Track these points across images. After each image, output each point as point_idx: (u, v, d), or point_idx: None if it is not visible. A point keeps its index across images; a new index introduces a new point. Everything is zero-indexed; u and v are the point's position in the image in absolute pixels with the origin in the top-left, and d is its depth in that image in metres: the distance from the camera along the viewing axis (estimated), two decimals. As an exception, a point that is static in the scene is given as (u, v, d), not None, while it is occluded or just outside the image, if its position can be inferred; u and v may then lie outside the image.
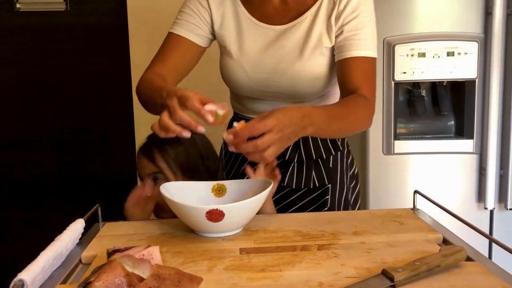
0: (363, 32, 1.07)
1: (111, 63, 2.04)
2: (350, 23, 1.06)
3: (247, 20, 1.10)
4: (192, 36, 1.12)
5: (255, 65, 1.10)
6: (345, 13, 1.06)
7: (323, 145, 1.15)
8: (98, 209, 0.97)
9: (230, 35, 1.11)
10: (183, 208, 0.85)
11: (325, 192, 1.15)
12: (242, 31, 1.11)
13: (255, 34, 1.10)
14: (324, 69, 1.09)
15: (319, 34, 1.07)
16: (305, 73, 1.07)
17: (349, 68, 1.06)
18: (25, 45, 2.02)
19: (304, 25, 1.08)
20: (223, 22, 1.11)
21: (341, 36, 1.07)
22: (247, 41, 1.10)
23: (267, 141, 0.80)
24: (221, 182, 0.99)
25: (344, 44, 1.07)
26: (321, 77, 1.09)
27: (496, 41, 1.65)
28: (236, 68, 1.11)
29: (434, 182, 1.75)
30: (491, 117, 1.68)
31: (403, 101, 1.80)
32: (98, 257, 0.79)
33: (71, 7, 1.99)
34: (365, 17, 1.07)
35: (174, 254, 0.80)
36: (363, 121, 1.06)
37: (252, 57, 1.10)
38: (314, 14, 1.08)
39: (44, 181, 2.10)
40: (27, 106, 2.06)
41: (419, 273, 0.69)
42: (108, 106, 2.07)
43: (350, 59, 1.06)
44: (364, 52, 1.07)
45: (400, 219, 0.94)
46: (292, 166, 1.14)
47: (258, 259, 0.77)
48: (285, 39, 1.08)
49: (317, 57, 1.07)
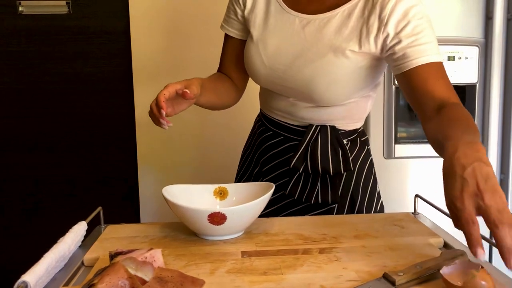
0: (425, 35, 0.93)
1: (113, 66, 2.05)
2: (406, 28, 0.93)
3: (276, 5, 1.05)
4: (234, 32, 1.12)
5: (274, 53, 1.03)
6: (396, 16, 0.94)
7: (333, 160, 1.05)
8: (100, 211, 0.97)
9: (256, 19, 1.06)
10: (185, 211, 0.85)
11: (328, 212, 1.08)
12: (269, 15, 1.05)
13: (281, 19, 1.03)
14: (344, 75, 0.98)
15: (347, 35, 0.97)
16: (322, 73, 0.98)
17: (424, 76, 0.92)
18: (27, 48, 2.03)
19: (334, 21, 0.99)
20: (253, 7, 1.07)
21: (400, 45, 0.94)
22: (270, 26, 1.04)
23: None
24: (223, 185, 1.00)
25: (407, 53, 0.93)
26: (339, 81, 0.98)
27: (497, 45, 1.65)
28: (254, 53, 1.05)
29: (435, 186, 1.75)
30: (492, 121, 1.69)
31: (404, 105, 1.81)
32: (100, 259, 0.79)
33: (74, 10, 2.00)
34: (421, 19, 0.94)
35: (176, 257, 0.80)
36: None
37: (272, 43, 1.03)
38: (347, 12, 0.98)
39: (45, 184, 2.11)
40: (28, 108, 2.06)
41: (420, 277, 0.69)
42: (110, 109, 2.07)
43: (421, 67, 0.92)
44: (434, 56, 0.93)
45: (401, 223, 0.95)
46: (297, 176, 1.08)
47: (260, 262, 0.77)
48: (311, 31, 1.00)
49: (339, 59, 0.97)
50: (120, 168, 2.09)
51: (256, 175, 1.18)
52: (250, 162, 1.21)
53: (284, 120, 1.11)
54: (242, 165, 1.25)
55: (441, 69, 0.94)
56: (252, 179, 1.19)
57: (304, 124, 1.09)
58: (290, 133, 1.11)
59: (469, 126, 0.79)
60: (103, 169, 2.10)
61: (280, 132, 1.12)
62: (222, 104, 1.15)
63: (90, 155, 2.10)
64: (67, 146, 2.09)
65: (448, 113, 0.85)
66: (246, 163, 1.23)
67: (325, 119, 1.07)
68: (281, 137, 1.12)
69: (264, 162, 1.15)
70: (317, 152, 1.05)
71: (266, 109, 1.16)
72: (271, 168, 1.13)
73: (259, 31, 1.05)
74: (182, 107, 0.98)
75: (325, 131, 1.07)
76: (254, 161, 1.19)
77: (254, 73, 1.07)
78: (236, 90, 1.17)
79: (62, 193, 2.11)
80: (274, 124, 1.13)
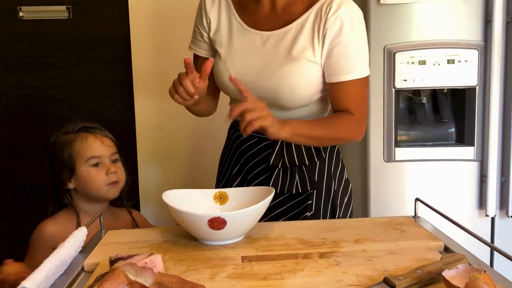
0: (351, 54, 1.10)
1: (113, 71, 2.05)
2: (337, 46, 1.08)
3: (238, 26, 1.16)
4: (202, 52, 1.23)
5: (240, 68, 1.14)
6: (330, 34, 1.08)
7: (307, 152, 1.17)
8: (100, 216, 0.97)
9: (222, 38, 1.18)
10: (186, 216, 0.85)
11: (307, 197, 1.17)
12: (232, 35, 1.16)
13: (244, 39, 1.15)
14: (305, 81, 1.11)
15: (303, 45, 1.10)
16: (286, 81, 1.10)
17: (339, 92, 1.12)
18: (27, 53, 2.03)
19: (290, 35, 1.11)
20: (217, 29, 1.19)
21: (330, 59, 1.10)
22: (235, 44, 1.15)
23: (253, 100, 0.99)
24: (223, 190, 1.00)
25: (334, 68, 1.10)
26: (301, 87, 1.11)
27: (496, 48, 1.65)
28: (223, 69, 1.16)
29: (435, 189, 1.75)
30: (492, 124, 1.68)
31: (404, 108, 1.81)
32: (100, 265, 0.79)
33: (74, 16, 2.00)
34: (353, 36, 1.09)
35: (176, 262, 0.80)
36: (347, 131, 1.14)
37: (238, 59, 1.14)
38: (300, 26, 1.11)
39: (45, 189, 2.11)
40: (29, 113, 2.06)
41: (421, 281, 0.69)
42: (110, 114, 2.07)
43: (339, 83, 1.11)
44: (354, 74, 1.10)
45: (402, 227, 0.95)
46: (276, 172, 1.16)
47: (260, 267, 0.77)
48: (270, 46, 1.12)
49: (298, 68, 1.09)
50: (121, 173, 2.09)
51: (235, 175, 1.24)
52: (228, 165, 1.28)
53: None
54: (221, 170, 1.32)
55: (359, 85, 1.12)
56: (231, 180, 1.25)
57: None
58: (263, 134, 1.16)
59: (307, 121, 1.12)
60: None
61: (254, 134, 1.19)
62: (206, 112, 1.30)
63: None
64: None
65: (330, 115, 1.15)
66: (225, 168, 1.30)
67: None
68: (256, 138, 1.20)
69: (243, 163, 1.23)
70: (292, 147, 1.15)
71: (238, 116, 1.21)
72: (251, 168, 1.21)
73: (225, 50, 1.17)
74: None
75: None
76: (232, 163, 1.26)
77: (225, 87, 1.18)
78: (215, 100, 1.31)
79: (62, 198, 2.11)
80: None
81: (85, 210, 1.27)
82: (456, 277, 0.65)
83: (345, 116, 1.12)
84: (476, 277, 0.62)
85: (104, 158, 1.25)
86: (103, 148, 1.25)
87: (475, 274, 0.62)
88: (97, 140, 1.25)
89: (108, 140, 1.28)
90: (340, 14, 1.07)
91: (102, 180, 1.23)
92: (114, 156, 1.28)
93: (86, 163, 1.23)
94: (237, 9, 1.17)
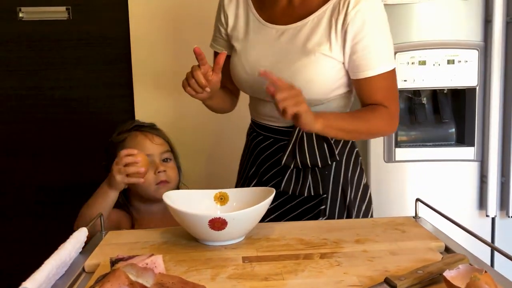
0: (376, 48, 1.07)
1: (113, 72, 2.05)
2: (361, 41, 1.05)
3: (255, 21, 1.15)
4: (221, 49, 1.21)
5: (255, 61, 1.12)
6: (352, 30, 1.05)
7: (320, 154, 1.14)
8: (100, 217, 0.97)
9: (238, 34, 1.17)
10: (186, 216, 0.85)
11: (321, 202, 1.14)
12: (249, 30, 1.16)
13: (260, 33, 1.14)
14: (320, 75, 1.08)
15: (319, 40, 1.07)
16: (301, 75, 1.08)
17: (368, 87, 1.09)
18: (27, 54, 2.03)
19: (306, 29, 1.09)
20: (235, 24, 1.18)
21: (355, 55, 1.07)
22: (251, 39, 1.15)
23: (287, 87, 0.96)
24: (224, 190, 1.00)
25: (360, 64, 1.07)
26: (316, 81, 1.08)
27: (496, 48, 1.65)
28: (238, 62, 1.15)
29: (435, 189, 1.75)
30: (492, 124, 1.68)
31: (404, 108, 1.81)
32: (101, 265, 0.79)
33: (74, 16, 2.00)
34: (376, 30, 1.06)
35: (177, 263, 0.80)
36: (382, 124, 1.10)
37: (253, 53, 1.13)
38: (316, 19, 1.09)
39: (45, 190, 2.10)
40: (29, 114, 2.06)
41: (422, 281, 0.69)
42: (110, 114, 2.07)
43: (367, 79, 1.08)
44: (381, 68, 1.07)
45: (402, 227, 0.95)
46: (289, 173, 1.14)
47: (261, 268, 0.77)
48: (285, 40, 1.10)
49: (313, 61, 1.07)
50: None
51: (251, 177, 1.23)
52: (246, 166, 1.27)
53: (272, 123, 1.19)
54: (240, 172, 1.31)
55: (387, 78, 1.09)
56: (247, 182, 1.24)
57: (290, 125, 1.14)
58: (278, 134, 1.18)
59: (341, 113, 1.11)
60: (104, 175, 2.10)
61: (269, 135, 1.19)
62: (223, 109, 1.29)
63: (91, 161, 2.09)
64: (68, 152, 2.09)
65: (364, 108, 1.11)
66: (243, 169, 1.29)
67: None
68: (271, 139, 1.19)
69: (259, 164, 1.22)
70: (304, 147, 1.12)
71: (255, 116, 1.24)
72: (266, 169, 1.20)
73: (241, 44, 1.16)
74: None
75: None
76: (249, 165, 1.25)
77: (239, 81, 1.18)
78: (232, 97, 1.30)
79: (63, 199, 2.11)
80: (264, 129, 1.21)
81: (140, 210, 1.24)
82: (457, 278, 0.65)
83: (379, 109, 1.09)
84: (477, 277, 0.62)
85: (154, 157, 1.23)
86: (152, 147, 1.23)
87: (476, 275, 0.62)
88: (146, 138, 1.24)
89: (158, 138, 1.26)
90: (361, 8, 1.04)
91: (150, 179, 1.20)
92: (165, 155, 1.26)
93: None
94: (254, 4, 1.17)
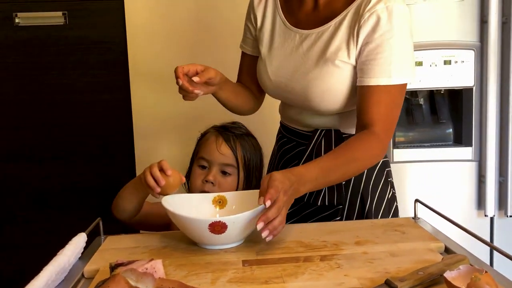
0: (385, 55, 0.95)
1: (110, 76, 2.04)
2: (369, 44, 0.97)
3: (281, 24, 1.12)
4: (249, 50, 1.21)
5: (277, 67, 1.10)
6: (364, 32, 0.97)
7: None
8: (99, 222, 0.97)
9: (264, 37, 1.15)
10: (186, 221, 0.85)
11: (336, 213, 1.10)
12: (274, 34, 1.13)
13: (284, 37, 1.11)
14: (336, 83, 1.01)
15: (337, 46, 1.01)
16: (316, 83, 1.02)
17: (365, 97, 0.97)
18: (24, 59, 2.02)
19: (327, 34, 1.03)
20: (261, 26, 1.16)
21: (359, 59, 0.99)
22: (275, 43, 1.12)
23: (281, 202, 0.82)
24: (222, 193, 1.00)
25: (362, 68, 0.98)
26: (332, 90, 1.02)
27: (492, 49, 1.66)
28: (262, 69, 1.14)
29: (434, 190, 1.75)
30: (489, 124, 1.69)
31: (402, 109, 1.81)
32: (100, 271, 0.79)
33: (70, 21, 2.00)
34: (389, 36, 0.96)
35: (177, 267, 0.79)
36: (368, 162, 0.99)
37: (276, 59, 1.11)
38: (338, 24, 1.02)
39: (43, 195, 2.10)
40: (26, 119, 2.06)
41: (423, 283, 0.69)
42: (107, 118, 2.07)
43: (367, 88, 0.97)
44: (383, 79, 0.96)
45: (402, 228, 0.95)
46: None
47: (261, 271, 0.77)
48: (306, 47, 1.06)
49: (330, 71, 1.01)
50: (119, 178, 2.08)
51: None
52: (271, 168, 1.27)
53: (295, 126, 1.18)
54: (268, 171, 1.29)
55: (389, 93, 0.97)
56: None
57: (311, 130, 1.13)
58: (300, 138, 1.17)
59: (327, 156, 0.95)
60: (101, 179, 2.09)
61: (292, 138, 1.18)
62: (240, 107, 1.22)
63: (88, 165, 2.09)
64: (65, 156, 2.08)
65: (348, 142, 0.97)
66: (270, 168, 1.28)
67: (330, 125, 1.12)
68: (294, 142, 1.18)
69: (282, 167, 1.20)
70: (321, 153, 1.08)
71: (283, 118, 1.24)
72: None
73: (266, 49, 1.14)
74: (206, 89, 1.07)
75: (329, 135, 1.11)
76: (274, 167, 1.25)
77: (264, 86, 1.16)
78: (254, 99, 1.25)
79: (61, 203, 2.10)
80: (288, 131, 1.21)
81: None
82: (458, 278, 0.65)
83: (360, 140, 0.96)
84: (477, 277, 0.62)
85: (212, 164, 1.14)
86: (214, 154, 1.15)
87: (477, 275, 0.62)
88: (214, 143, 1.16)
89: (226, 148, 1.15)
90: (377, 9, 0.96)
91: (197, 184, 1.15)
92: (227, 168, 1.14)
93: (197, 161, 1.18)
94: (282, 7, 1.13)
